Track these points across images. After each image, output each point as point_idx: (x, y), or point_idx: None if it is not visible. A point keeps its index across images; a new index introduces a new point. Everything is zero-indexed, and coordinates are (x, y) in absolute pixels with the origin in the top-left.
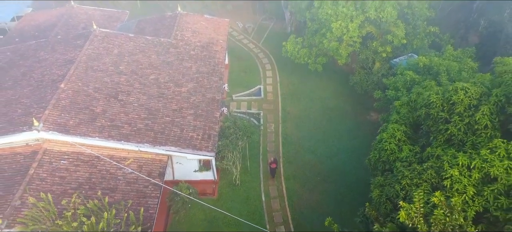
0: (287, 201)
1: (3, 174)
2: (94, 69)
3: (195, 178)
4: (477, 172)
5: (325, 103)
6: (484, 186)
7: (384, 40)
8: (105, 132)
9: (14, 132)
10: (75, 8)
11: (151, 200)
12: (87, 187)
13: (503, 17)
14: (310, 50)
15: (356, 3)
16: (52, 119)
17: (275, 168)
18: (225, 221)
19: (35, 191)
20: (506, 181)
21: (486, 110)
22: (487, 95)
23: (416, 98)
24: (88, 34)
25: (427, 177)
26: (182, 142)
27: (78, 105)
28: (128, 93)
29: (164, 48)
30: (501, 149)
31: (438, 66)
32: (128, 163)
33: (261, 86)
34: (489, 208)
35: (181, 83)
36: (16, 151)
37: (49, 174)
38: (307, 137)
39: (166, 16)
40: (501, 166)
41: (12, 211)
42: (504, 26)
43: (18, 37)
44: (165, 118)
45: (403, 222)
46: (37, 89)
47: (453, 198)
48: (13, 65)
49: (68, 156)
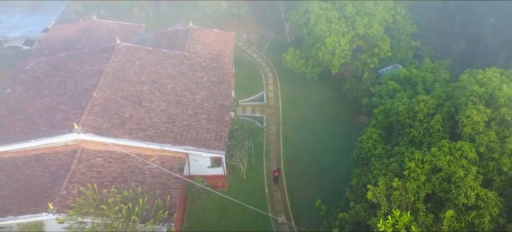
0: (287, 193)
1: (48, 169)
2: (120, 79)
3: (208, 173)
4: (427, 165)
5: (320, 108)
6: (432, 175)
7: (372, 53)
8: (133, 134)
9: (57, 134)
10: (97, 22)
11: (173, 191)
12: (120, 180)
13: (482, 30)
14: (307, 61)
15: (347, 20)
16: (88, 123)
17: (278, 176)
18: (233, 210)
19: (77, 183)
20: (448, 171)
21: (439, 117)
22: (441, 105)
23: (390, 107)
24: (113, 48)
25: (392, 168)
26: (198, 142)
27: (109, 111)
28: (150, 100)
29: (179, 60)
30: (446, 147)
31: (416, 77)
32: (153, 160)
33: (263, 93)
34: (435, 191)
35: (195, 91)
36: (57, 150)
37: (87, 169)
38: (304, 138)
39: (179, 30)
40: (445, 160)
41: (60, 199)
42: (483, 38)
43: (48, 49)
44: (183, 122)
45: (370, 200)
46: (72, 97)
47: (408, 183)
48: (48, 75)
49: (102, 154)
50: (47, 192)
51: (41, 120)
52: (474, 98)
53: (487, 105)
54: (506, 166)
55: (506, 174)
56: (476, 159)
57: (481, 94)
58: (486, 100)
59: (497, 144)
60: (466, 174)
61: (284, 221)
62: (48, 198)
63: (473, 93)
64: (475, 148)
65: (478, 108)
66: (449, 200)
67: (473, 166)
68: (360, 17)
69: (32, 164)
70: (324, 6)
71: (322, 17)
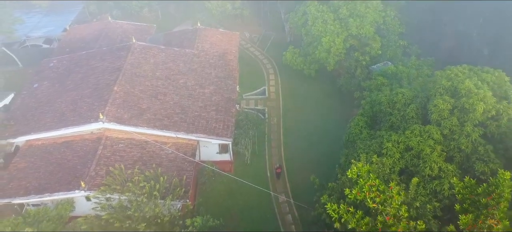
0: (287, 176)
1: (78, 153)
2: (137, 75)
3: (216, 159)
4: (402, 144)
5: (317, 101)
6: (405, 153)
7: (364, 51)
8: (150, 123)
9: (84, 123)
10: (112, 22)
11: (187, 173)
12: (140, 163)
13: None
14: (305, 58)
15: (341, 21)
16: (111, 114)
17: (280, 172)
18: (239, 191)
19: (104, 165)
20: (418, 149)
21: (413, 106)
22: (416, 96)
23: (375, 98)
24: (129, 46)
25: (373, 148)
26: (208, 130)
27: (129, 103)
28: (165, 94)
29: (189, 57)
30: (417, 130)
31: (401, 73)
32: (169, 146)
33: (265, 87)
34: (408, 166)
35: (204, 86)
36: (84, 137)
37: (112, 153)
38: (302, 128)
39: (188, 30)
40: (415, 140)
41: (90, 179)
42: (469, 37)
43: (68, 48)
44: (194, 113)
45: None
46: (95, 91)
47: (385, 159)
48: (71, 71)
49: (123, 141)
50: (78, 173)
51: (69, 112)
52: (441, 90)
53: (451, 96)
54: (464, 145)
55: (464, 151)
56: (440, 139)
57: (447, 87)
58: (451, 91)
59: (458, 127)
60: (432, 152)
61: (285, 198)
62: (79, 178)
63: (441, 86)
64: (440, 131)
65: (444, 98)
66: (418, 172)
67: (438, 145)
68: (353, 19)
69: (63, 150)
70: (320, 8)
71: (318, 19)
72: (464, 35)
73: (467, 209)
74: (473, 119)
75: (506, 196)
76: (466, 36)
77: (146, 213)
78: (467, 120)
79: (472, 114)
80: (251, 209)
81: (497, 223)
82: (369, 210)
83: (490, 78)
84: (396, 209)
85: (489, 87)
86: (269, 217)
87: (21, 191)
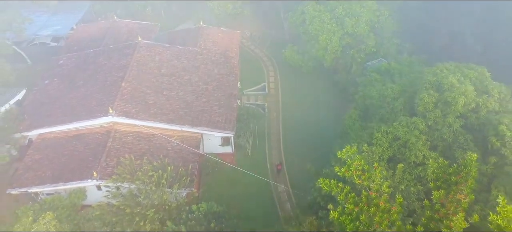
0: (285, 167)
1: (88, 146)
2: (143, 72)
3: (219, 151)
4: (390, 135)
5: (314, 97)
6: (393, 142)
7: (359, 49)
8: (157, 118)
9: (94, 117)
10: (117, 21)
11: (192, 164)
12: (148, 154)
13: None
14: (303, 56)
15: (337, 20)
16: (120, 108)
17: (280, 169)
18: (241, 182)
19: (114, 157)
20: (404, 139)
21: (401, 100)
22: (405, 91)
23: (367, 93)
24: (135, 44)
25: (364, 138)
26: (211, 124)
27: (136, 98)
28: (170, 89)
29: (192, 55)
30: (404, 122)
31: (394, 69)
32: (174, 139)
33: (265, 84)
34: (395, 154)
35: (208, 82)
36: (94, 131)
37: (121, 146)
38: (300, 122)
39: (191, 29)
40: (403, 131)
41: (101, 169)
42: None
43: (76, 46)
44: (198, 108)
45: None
46: (104, 87)
47: (375, 148)
48: (80, 68)
49: (131, 134)
50: (90, 164)
51: (79, 107)
52: (427, 85)
53: (436, 91)
54: (446, 134)
55: (446, 141)
56: (425, 130)
57: (433, 82)
58: (436, 86)
59: (441, 118)
60: (417, 141)
61: (284, 188)
62: (91, 169)
63: (427, 81)
64: (425, 122)
65: (429, 92)
66: (404, 159)
67: (423, 135)
68: (348, 18)
69: (74, 142)
70: (317, 8)
71: (316, 18)
72: (456, 34)
73: (440, 186)
74: (454, 111)
75: (473, 175)
76: (458, 35)
77: (155, 200)
78: (450, 112)
79: (454, 107)
80: (252, 198)
81: (464, 197)
82: (356, 187)
83: (473, 74)
84: (379, 185)
85: (471, 82)
86: (269, 205)
87: (37, 180)
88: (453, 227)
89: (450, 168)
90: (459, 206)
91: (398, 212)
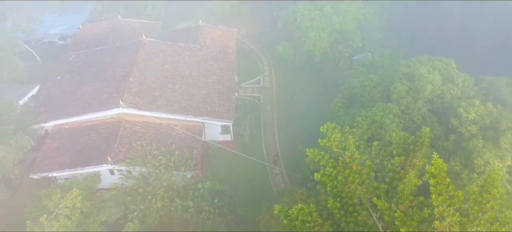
0: (280, 152)
1: (102, 135)
2: (149, 67)
3: (219, 139)
4: (369, 118)
5: (306, 89)
6: (371, 125)
7: (346, 44)
8: (163, 109)
9: (106, 109)
10: (121, 21)
11: (196, 150)
12: (156, 142)
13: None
14: (295, 51)
15: (326, 18)
16: (129, 100)
17: (277, 161)
18: (239, 167)
19: (125, 144)
20: (381, 122)
21: (379, 89)
22: (383, 81)
23: (351, 84)
24: (139, 42)
25: (347, 122)
26: (212, 114)
27: (143, 92)
28: (174, 83)
29: (193, 51)
30: (380, 107)
31: (377, 62)
32: (179, 128)
33: (260, 77)
34: (373, 135)
35: (208, 76)
36: (106, 121)
37: (131, 134)
38: (293, 113)
39: (191, 27)
40: (379, 115)
41: (114, 155)
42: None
43: (83, 44)
44: (200, 99)
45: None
46: (113, 82)
47: (355, 130)
48: (89, 65)
49: (140, 124)
50: (104, 151)
51: (91, 100)
52: (401, 75)
53: (409, 80)
54: (416, 117)
55: (416, 122)
56: (398, 114)
57: (406, 73)
58: (409, 76)
59: (412, 104)
60: (391, 123)
61: (278, 171)
62: (105, 155)
63: (401, 72)
64: (398, 107)
65: (402, 82)
66: (380, 139)
67: (396, 118)
68: (336, 16)
69: (88, 132)
70: (307, 7)
71: (306, 16)
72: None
73: (401, 153)
74: (423, 98)
75: (426, 143)
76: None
77: (164, 182)
78: (419, 98)
79: (422, 94)
80: (250, 180)
81: (419, 161)
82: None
83: (441, 66)
84: (352, 153)
85: (439, 73)
86: (265, 185)
87: (56, 166)
88: (407, 183)
89: (409, 139)
90: (414, 168)
91: (367, 173)
